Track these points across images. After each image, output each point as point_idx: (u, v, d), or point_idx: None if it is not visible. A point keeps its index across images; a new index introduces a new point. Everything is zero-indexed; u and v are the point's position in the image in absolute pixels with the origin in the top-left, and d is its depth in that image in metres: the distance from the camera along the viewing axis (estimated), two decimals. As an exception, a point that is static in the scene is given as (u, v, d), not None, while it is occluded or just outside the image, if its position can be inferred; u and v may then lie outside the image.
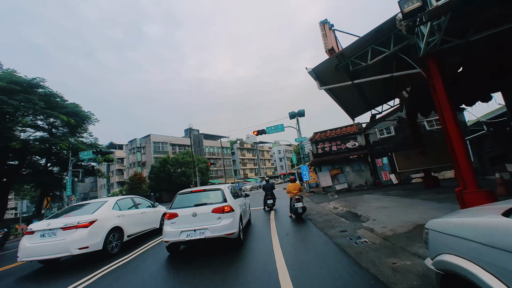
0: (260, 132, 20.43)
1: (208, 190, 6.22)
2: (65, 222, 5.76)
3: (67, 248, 5.43)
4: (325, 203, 12.43)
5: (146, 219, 8.04)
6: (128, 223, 7.06)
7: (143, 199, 8.92)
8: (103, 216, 6.32)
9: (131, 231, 7.15)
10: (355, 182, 18.32)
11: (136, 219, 7.58)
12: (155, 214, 8.74)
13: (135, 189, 39.15)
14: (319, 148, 19.69)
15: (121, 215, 6.93)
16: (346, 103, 10.89)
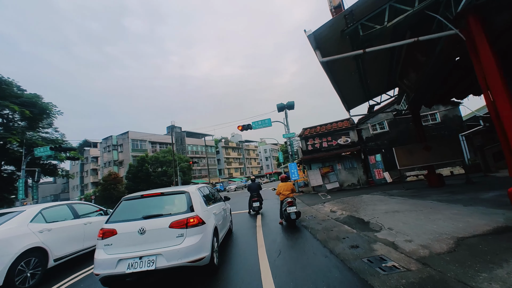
0: (245, 127, 18.64)
1: (167, 194, 4.28)
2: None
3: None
4: (318, 205, 10.89)
5: (92, 232, 5.88)
6: (59, 241, 5.12)
7: (90, 205, 6.96)
8: (10, 234, 4.31)
9: (63, 252, 5.18)
10: (347, 181, 17.05)
11: (74, 233, 5.59)
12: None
13: (110, 190, 35.94)
14: (309, 145, 18.25)
15: (45, 230, 4.93)
16: (344, 89, 9.39)
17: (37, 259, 4.54)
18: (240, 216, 10.44)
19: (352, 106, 11.94)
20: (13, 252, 4.16)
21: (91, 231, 5.96)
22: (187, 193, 4.21)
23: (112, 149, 43.59)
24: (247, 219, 9.53)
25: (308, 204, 11.55)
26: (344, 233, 5.65)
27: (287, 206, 6.92)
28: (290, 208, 6.85)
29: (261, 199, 10.57)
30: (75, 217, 5.86)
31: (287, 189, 7.44)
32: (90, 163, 49.67)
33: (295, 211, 6.82)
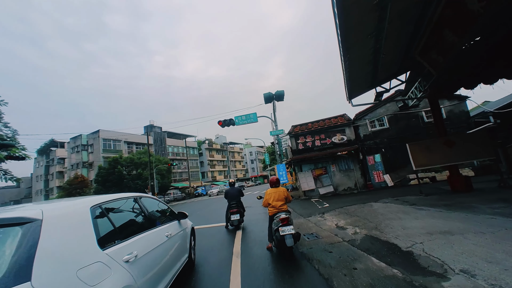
0: (226, 123, 16.01)
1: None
2: None
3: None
4: (316, 216, 8.47)
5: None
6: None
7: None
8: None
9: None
10: (343, 185, 14.88)
11: None
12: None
13: (74, 195, 31.62)
14: (300, 143, 15.95)
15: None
16: (353, 65, 7.11)
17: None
18: (214, 233, 7.78)
19: (356, 92, 9.73)
20: None
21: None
22: (33, 223, 1.56)
23: (81, 150, 39.11)
24: (222, 240, 6.91)
25: (302, 215, 9.11)
26: (381, 278, 3.20)
27: (279, 225, 4.54)
28: (284, 228, 4.46)
29: (242, 210, 8.32)
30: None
31: (279, 197, 5.02)
32: (56, 165, 44.46)
33: (292, 233, 4.41)
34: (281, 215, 4.63)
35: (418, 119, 14.24)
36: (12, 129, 25.63)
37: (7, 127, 25.10)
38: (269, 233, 5.18)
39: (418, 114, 14.25)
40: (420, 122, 14.19)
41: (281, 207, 4.88)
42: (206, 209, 15.82)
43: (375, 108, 14.80)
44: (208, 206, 17.89)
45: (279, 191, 5.12)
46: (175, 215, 4.20)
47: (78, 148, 39.44)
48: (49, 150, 46.69)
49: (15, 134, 25.52)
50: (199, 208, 16.95)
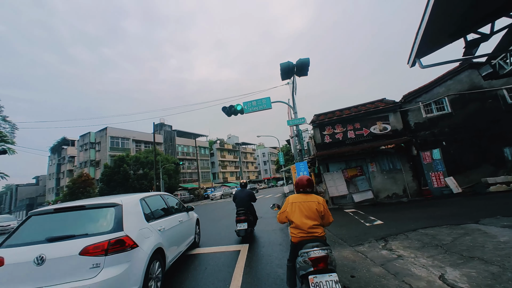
0: (232, 111, 12.60)
1: (90, 208, 3.10)
2: None
3: None
4: (374, 245, 4.72)
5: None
6: None
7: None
8: None
9: None
10: (386, 190, 10.94)
11: None
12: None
13: (77, 195, 29.55)
14: (326, 136, 12.18)
15: None
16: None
17: None
18: (205, 263, 4.32)
19: (431, 44, 5.87)
20: None
21: None
22: (119, 206, 3.17)
23: (89, 148, 37.38)
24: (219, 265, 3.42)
25: (345, 239, 5.43)
26: None
27: (310, 270, 2.23)
28: (320, 278, 2.15)
29: (253, 218, 6.63)
30: None
31: (309, 214, 2.65)
32: (67, 163, 43.25)
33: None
34: (314, 250, 2.32)
35: (497, 100, 10.03)
36: (11, 123, 24.00)
37: (5, 121, 23.45)
38: (288, 274, 2.79)
39: (497, 94, 10.05)
40: (500, 105, 9.95)
41: (313, 230, 2.59)
42: (203, 220, 12.42)
43: (432, 86, 10.76)
44: (208, 214, 14.48)
45: (309, 200, 2.76)
46: (185, 208, 5.76)
47: (86, 146, 37.80)
48: (61, 148, 45.77)
49: (14, 128, 23.84)
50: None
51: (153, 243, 3.29)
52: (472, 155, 9.99)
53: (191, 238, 5.52)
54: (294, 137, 12.95)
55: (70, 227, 2.93)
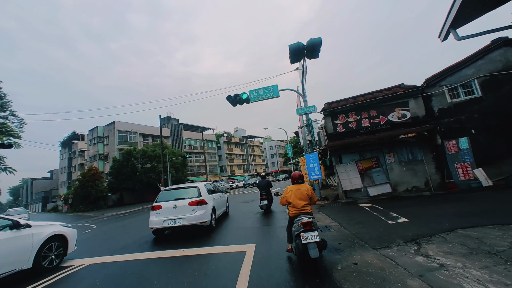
0: (237, 100, 11.82)
1: (186, 188, 7.54)
2: None
3: None
4: (405, 248, 3.86)
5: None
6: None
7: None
8: None
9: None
10: (405, 183, 10.00)
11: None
12: (16, 243, 4.40)
13: (87, 187, 29.80)
14: (339, 125, 11.24)
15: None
16: None
17: None
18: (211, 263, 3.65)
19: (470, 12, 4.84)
20: None
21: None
22: (197, 187, 7.39)
23: (97, 142, 37.55)
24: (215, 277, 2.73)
25: (365, 240, 4.64)
26: None
27: (301, 230, 3.57)
28: (307, 234, 3.48)
29: (271, 197, 9.77)
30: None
31: (301, 196, 4.04)
32: (77, 157, 43.88)
33: (316, 240, 3.41)
34: (304, 218, 3.69)
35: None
36: (19, 118, 24.07)
37: (14, 115, 23.51)
38: (288, 234, 4.28)
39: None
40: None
41: (304, 208, 3.97)
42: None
43: (459, 68, 9.58)
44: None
45: (301, 188, 4.16)
46: (222, 191, 10.29)
47: (95, 140, 37.99)
48: (71, 142, 46.38)
49: (22, 123, 23.92)
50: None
51: (212, 204, 7.42)
52: (505, 144, 8.88)
53: (225, 208, 9.80)
54: (303, 127, 12.07)
55: (181, 194, 7.11)
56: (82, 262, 5.35)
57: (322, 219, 7.30)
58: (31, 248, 4.66)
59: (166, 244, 6.13)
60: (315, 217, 6.98)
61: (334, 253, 4.31)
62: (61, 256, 5.29)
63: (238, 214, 9.95)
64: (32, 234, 4.77)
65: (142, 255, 5.43)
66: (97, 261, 5.34)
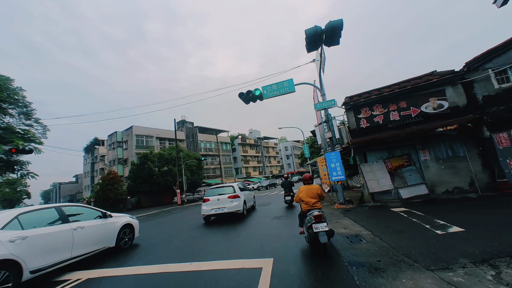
0: (250, 97, 11.08)
1: (225, 186, 10.32)
2: None
3: None
4: (473, 271, 2.78)
5: (84, 237, 5.29)
6: (37, 250, 4.29)
7: (87, 207, 6.12)
8: None
9: (43, 262, 4.34)
10: (444, 183, 8.63)
11: (58, 240, 4.74)
12: (105, 228, 5.99)
13: (106, 191, 30.48)
14: (362, 119, 10.07)
15: (19, 238, 4.08)
16: None
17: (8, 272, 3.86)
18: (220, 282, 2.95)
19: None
20: None
21: (84, 236, 5.34)
22: (233, 186, 10.04)
23: (116, 146, 38.58)
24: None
25: (410, 256, 3.54)
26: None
27: (312, 222, 4.24)
28: (318, 225, 4.16)
29: (293, 194, 11.71)
30: (64, 222, 5.09)
31: (312, 195, 4.78)
32: (99, 162, 45.47)
33: (325, 230, 4.09)
34: (314, 212, 4.43)
35: None
36: (43, 125, 25.01)
37: (38, 123, 24.48)
38: (300, 220, 5.15)
39: None
40: None
41: (315, 204, 4.72)
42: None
43: (509, 47, 8.10)
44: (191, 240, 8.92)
45: (312, 188, 4.90)
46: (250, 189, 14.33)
47: (114, 145, 39.06)
48: (93, 148, 48.20)
49: (45, 130, 24.85)
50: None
51: (243, 198, 9.94)
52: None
53: (252, 202, 12.22)
54: (322, 123, 11.02)
55: (222, 191, 9.83)
56: (80, 276, 4.78)
57: (349, 226, 6.27)
58: (114, 231, 6.24)
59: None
60: (340, 222, 5.97)
61: (374, 274, 3.34)
62: (131, 240, 6.89)
63: (258, 217, 9.20)
64: (114, 222, 6.35)
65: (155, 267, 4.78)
66: (94, 275, 4.73)
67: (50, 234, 4.65)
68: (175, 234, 8.09)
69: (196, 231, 8.18)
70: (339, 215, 7.98)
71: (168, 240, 7.19)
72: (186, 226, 9.55)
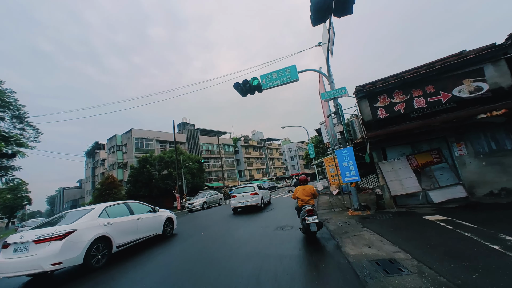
0: (247, 88, 9.63)
1: (247, 186, 13.82)
2: (39, 234, 4.71)
3: (38, 264, 4.38)
4: None
5: (144, 225, 7.07)
6: (119, 232, 6.00)
7: (142, 204, 7.80)
8: (85, 226, 5.22)
9: (123, 241, 6.09)
10: (488, 183, 6.93)
11: (130, 226, 6.51)
12: (155, 219, 7.80)
13: (104, 196, 29.26)
14: (380, 109, 8.43)
15: (109, 224, 5.81)
16: None
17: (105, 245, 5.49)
18: None
19: None
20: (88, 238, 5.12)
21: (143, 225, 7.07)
22: (253, 186, 13.63)
23: (116, 150, 37.53)
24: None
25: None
26: None
27: (305, 215, 5.29)
28: (310, 217, 5.19)
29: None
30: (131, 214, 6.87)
31: (306, 193, 5.83)
32: (100, 166, 44.56)
33: (316, 221, 5.14)
34: (308, 207, 5.41)
35: None
36: (35, 128, 24.00)
37: (30, 126, 23.47)
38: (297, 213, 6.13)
39: None
40: None
41: (308, 201, 5.69)
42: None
43: None
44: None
45: (307, 188, 5.89)
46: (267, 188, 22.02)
47: (113, 148, 38.03)
48: (94, 152, 47.36)
49: (38, 133, 23.82)
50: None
51: (261, 195, 13.38)
52: None
53: (268, 198, 15.63)
54: (330, 116, 9.43)
55: (245, 190, 13.29)
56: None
57: (375, 243, 4.65)
58: (161, 222, 7.91)
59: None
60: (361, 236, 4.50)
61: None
62: (172, 229, 8.61)
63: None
64: (160, 215, 8.02)
65: None
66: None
67: (125, 222, 6.35)
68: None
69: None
70: (356, 225, 6.36)
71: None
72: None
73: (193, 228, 9.81)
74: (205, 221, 11.44)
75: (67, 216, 5.58)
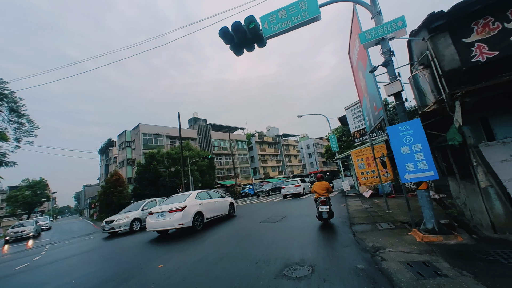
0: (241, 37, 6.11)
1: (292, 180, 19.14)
2: (170, 207, 8.16)
3: (172, 224, 7.87)
4: None
5: (218, 207, 10.13)
6: (206, 210, 9.09)
7: (213, 191, 10.98)
8: (191, 203, 8.52)
9: (208, 216, 9.18)
10: None
11: (211, 206, 9.59)
12: (224, 203, 10.76)
13: (108, 194, 27.47)
14: (478, 45, 4.54)
15: (201, 203, 9.01)
16: None
17: (200, 217, 8.75)
18: None
19: None
20: (193, 211, 8.39)
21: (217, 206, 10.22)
22: (297, 180, 18.61)
23: (125, 146, 36.01)
24: None
25: None
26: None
27: (320, 205, 6.83)
28: (322, 207, 6.74)
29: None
30: (210, 198, 10.06)
31: (322, 188, 7.22)
32: (112, 163, 43.71)
33: (327, 210, 6.67)
34: (321, 198, 6.89)
35: None
36: (32, 122, 22.52)
37: (29, 121, 22.06)
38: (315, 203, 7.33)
39: None
40: None
41: (323, 194, 7.05)
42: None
43: None
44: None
45: (322, 184, 7.30)
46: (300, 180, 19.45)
47: (123, 145, 36.58)
48: (107, 149, 46.76)
49: (35, 128, 22.38)
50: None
51: (303, 186, 18.32)
52: None
53: (309, 189, 19.11)
54: (374, 70, 5.66)
55: (292, 182, 18.51)
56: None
57: None
58: (227, 206, 10.92)
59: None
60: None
61: None
62: (234, 211, 11.53)
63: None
64: (226, 200, 11.14)
65: None
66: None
67: (209, 203, 9.54)
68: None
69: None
70: (449, 273, 2.63)
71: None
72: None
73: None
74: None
75: (175, 199, 9.20)
